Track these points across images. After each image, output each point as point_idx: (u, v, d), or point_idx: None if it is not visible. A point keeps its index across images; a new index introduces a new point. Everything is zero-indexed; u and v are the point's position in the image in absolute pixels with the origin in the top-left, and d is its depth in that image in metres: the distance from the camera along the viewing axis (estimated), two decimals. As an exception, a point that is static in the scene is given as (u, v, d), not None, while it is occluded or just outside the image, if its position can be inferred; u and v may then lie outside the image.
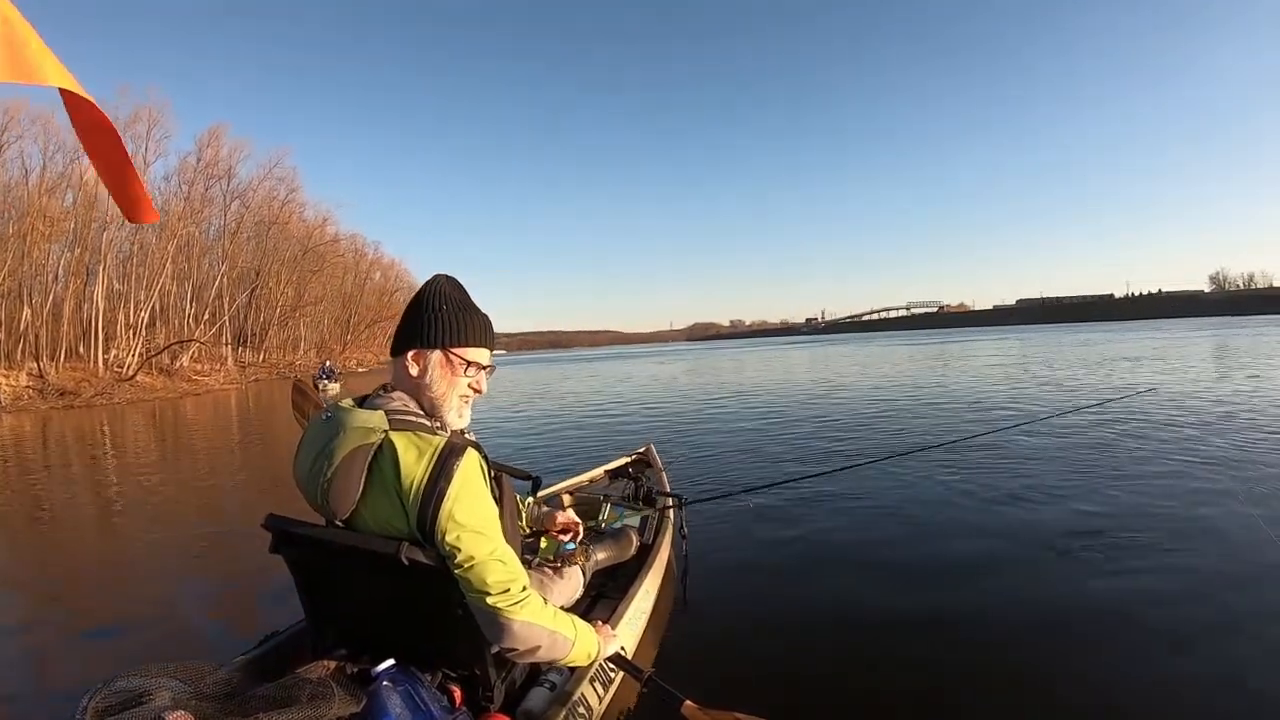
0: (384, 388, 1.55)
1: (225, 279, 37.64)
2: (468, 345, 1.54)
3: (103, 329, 27.92)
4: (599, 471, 4.04)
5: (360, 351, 56.26)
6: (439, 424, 1.52)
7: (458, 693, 1.49)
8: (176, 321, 34.25)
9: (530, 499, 2.28)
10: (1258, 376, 11.33)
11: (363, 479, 1.38)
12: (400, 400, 1.50)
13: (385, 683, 1.35)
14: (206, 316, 35.79)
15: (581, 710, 1.70)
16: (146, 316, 30.39)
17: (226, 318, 37.73)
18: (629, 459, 4.21)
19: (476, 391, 1.60)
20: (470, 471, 1.38)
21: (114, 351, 28.23)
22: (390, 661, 1.41)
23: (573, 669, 1.74)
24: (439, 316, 1.53)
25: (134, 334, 29.48)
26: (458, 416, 1.57)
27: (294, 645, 1.83)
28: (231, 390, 28.31)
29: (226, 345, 37.51)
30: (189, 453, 9.60)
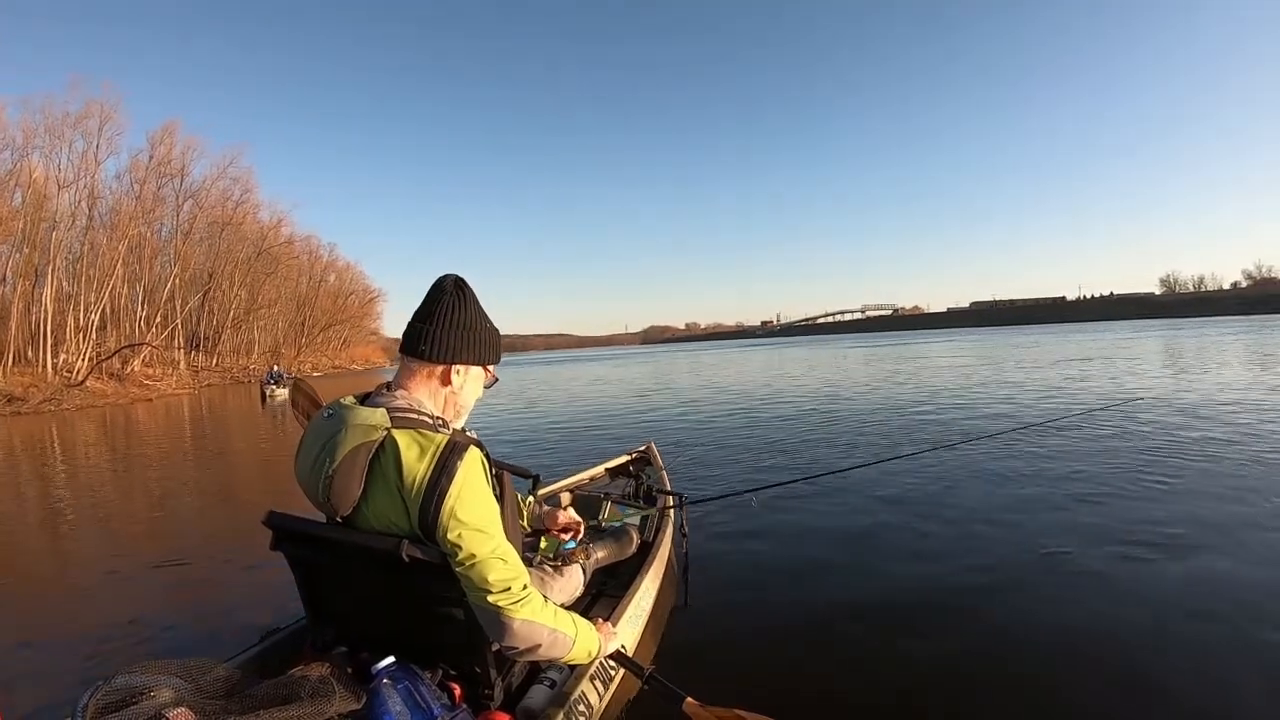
0: (386, 386, 1.56)
1: (177, 281, 37.18)
2: (497, 362, 1.67)
3: (52, 332, 27.36)
4: (600, 469, 4.02)
5: (315, 355, 55.70)
6: (441, 423, 1.52)
7: (458, 690, 1.51)
8: (127, 325, 33.73)
9: (530, 497, 2.28)
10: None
11: (364, 476, 1.41)
12: (404, 399, 1.50)
13: (385, 680, 1.37)
14: (158, 320, 35.32)
15: (582, 708, 1.70)
16: (97, 319, 29.85)
17: (179, 321, 37.22)
18: (630, 457, 4.18)
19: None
20: (472, 469, 1.39)
21: (63, 356, 27.67)
22: (390, 659, 1.43)
23: (573, 667, 1.75)
24: (485, 335, 1.59)
25: (84, 337, 28.91)
26: (464, 419, 1.65)
27: (294, 643, 1.84)
28: (184, 395, 28.16)
29: (179, 349, 36.96)
30: (140, 460, 9.45)
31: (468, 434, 1.54)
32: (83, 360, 27.76)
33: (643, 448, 4.35)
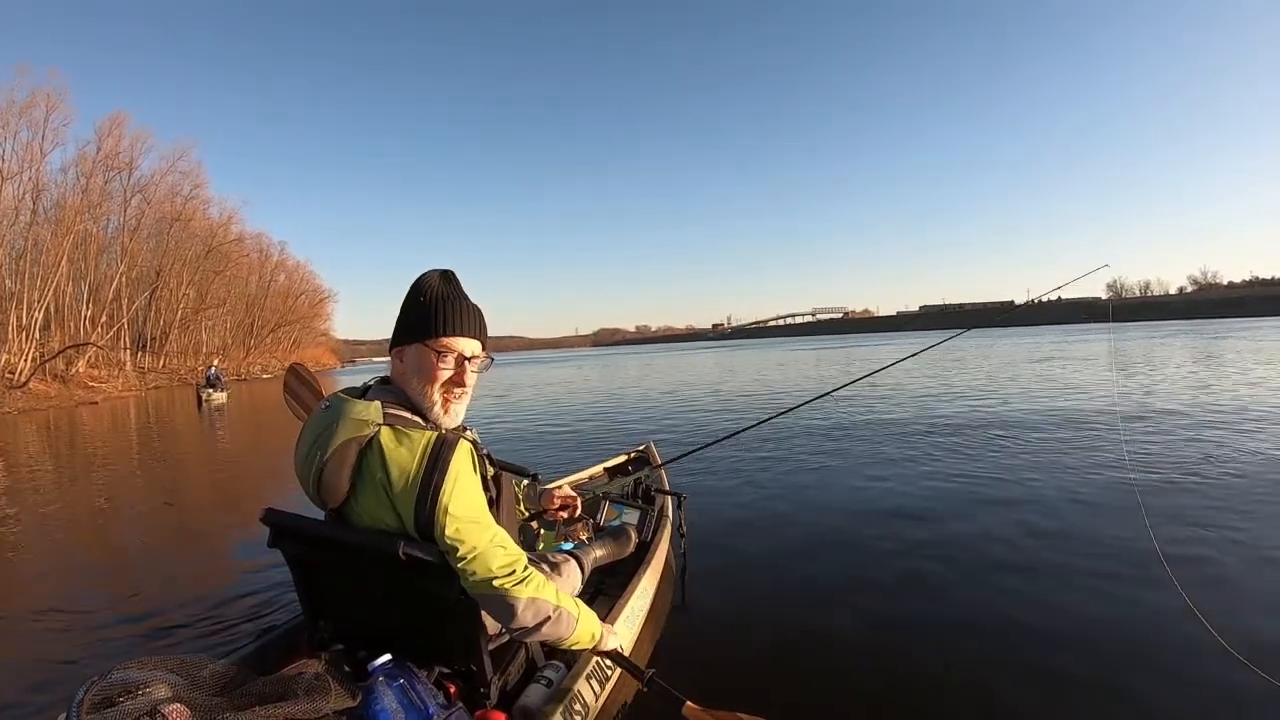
0: (384, 380, 1.59)
1: (124, 279, 36.14)
2: (446, 335, 1.51)
3: (-7, 332, 26.40)
4: (598, 469, 4.03)
5: (265, 357, 54.36)
6: (430, 420, 1.52)
7: (453, 688, 1.52)
8: (72, 324, 32.50)
9: (525, 482, 2.30)
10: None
11: (353, 471, 1.43)
12: (395, 393, 1.54)
13: (381, 678, 1.39)
14: (104, 319, 34.19)
15: (578, 707, 1.69)
16: (40, 318, 28.87)
17: (125, 320, 36.18)
18: (628, 456, 4.18)
19: (460, 385, 1.55)
20: (462, 464, 1.41)
21: (5, 356, 26.69)
22: (386, 656, 1.44)
23: (569, 665, 1.76)
24: (418, 310, 1.53)
25: (26, 337, 27.83)
26: (443, 413, 1.54)
27: (291, 640, 1.84)
28: (130, 397, 27.60)
29: (125, 350, 35.98)
30: (91, 467, 8.99)
31: (466, 432, 1.58)
32: (25, 361, 26.87)
33: (642, 447, 4.37)
